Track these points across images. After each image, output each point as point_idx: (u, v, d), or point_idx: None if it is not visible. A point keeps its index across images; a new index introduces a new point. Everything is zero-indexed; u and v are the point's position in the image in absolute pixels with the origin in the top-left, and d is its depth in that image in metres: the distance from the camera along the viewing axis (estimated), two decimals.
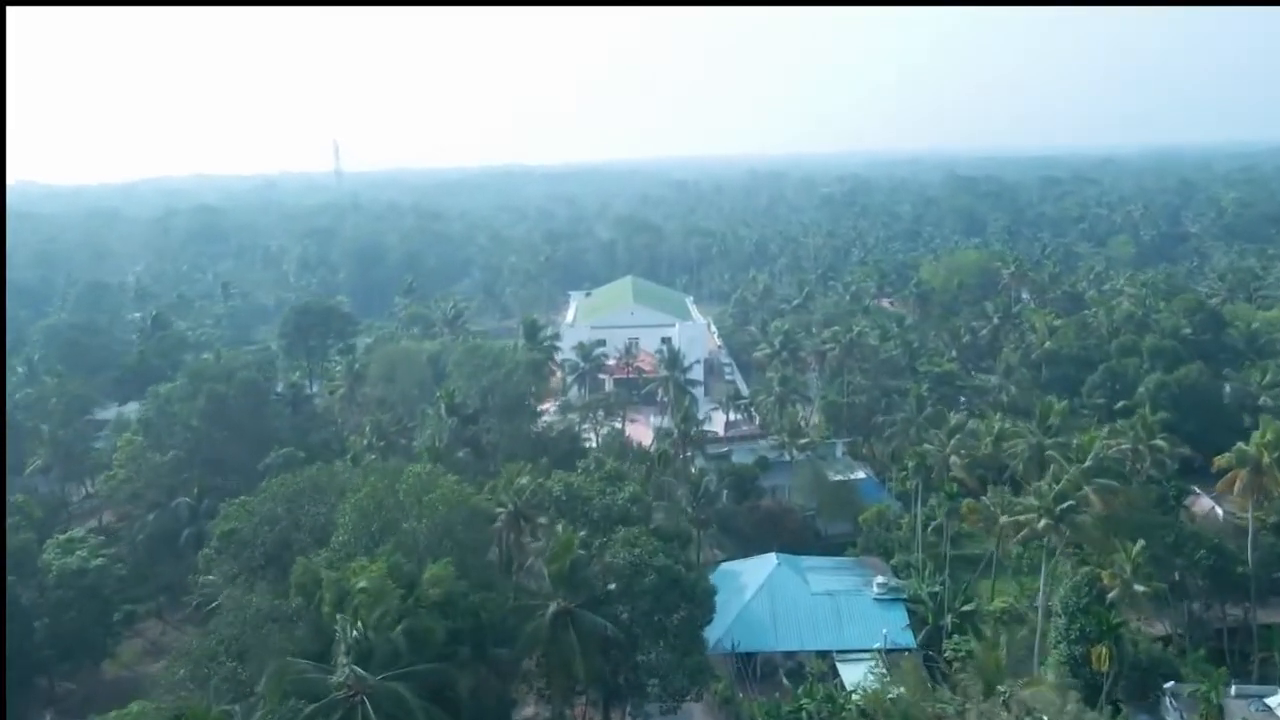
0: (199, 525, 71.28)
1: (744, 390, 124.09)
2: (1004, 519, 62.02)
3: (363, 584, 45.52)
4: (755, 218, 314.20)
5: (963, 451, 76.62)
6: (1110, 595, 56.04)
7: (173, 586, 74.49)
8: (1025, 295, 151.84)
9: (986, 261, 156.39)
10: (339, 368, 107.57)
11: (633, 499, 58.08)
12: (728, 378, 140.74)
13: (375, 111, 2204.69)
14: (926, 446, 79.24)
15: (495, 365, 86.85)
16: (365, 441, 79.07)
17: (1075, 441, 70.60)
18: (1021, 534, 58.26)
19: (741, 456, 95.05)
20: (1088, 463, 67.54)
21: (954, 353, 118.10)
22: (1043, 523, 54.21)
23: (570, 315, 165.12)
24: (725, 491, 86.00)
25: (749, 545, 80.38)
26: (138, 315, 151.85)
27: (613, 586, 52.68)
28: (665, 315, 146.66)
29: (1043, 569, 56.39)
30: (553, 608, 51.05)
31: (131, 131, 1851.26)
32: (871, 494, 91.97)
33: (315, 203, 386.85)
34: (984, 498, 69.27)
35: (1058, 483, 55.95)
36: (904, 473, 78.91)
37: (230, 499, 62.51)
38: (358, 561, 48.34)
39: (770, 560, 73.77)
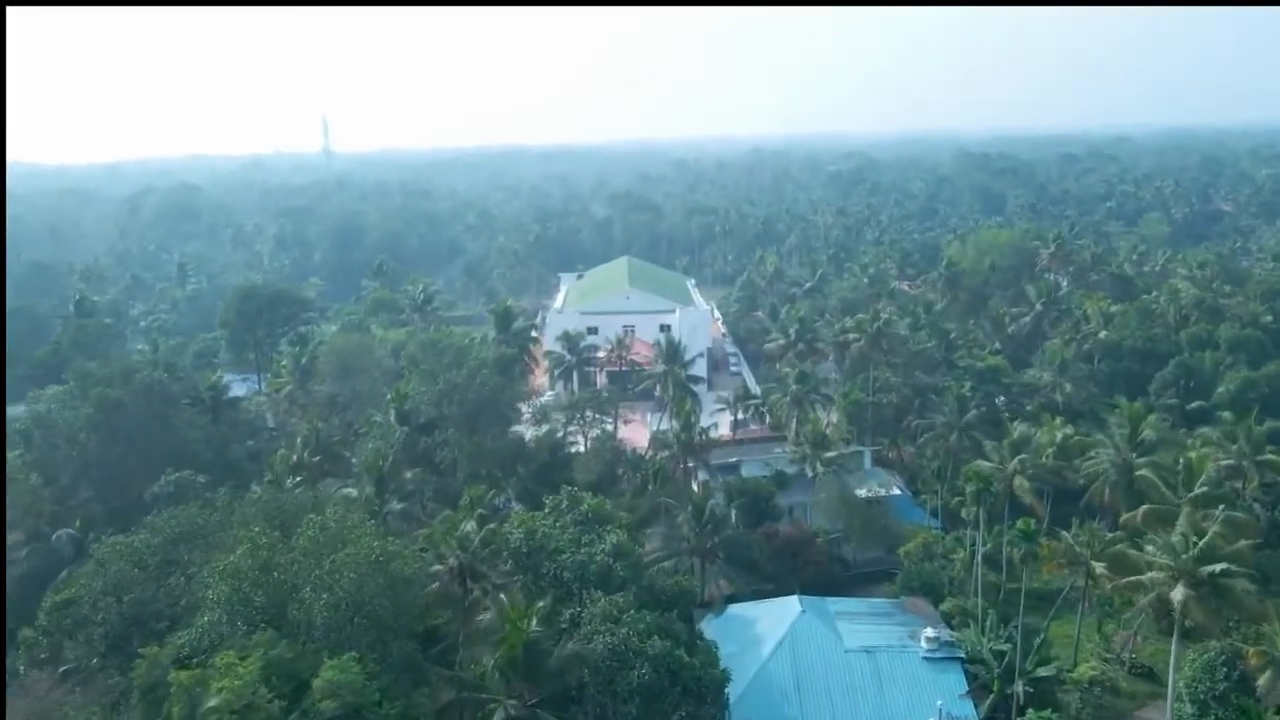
0: (84, 564, 57.72)
1: (752, 385, 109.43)
2: (1101, 570, 47.27)
3: (215, 701, 31.16)
4: (760, 195, 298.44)
5: (1029, 470, 62.01)
6: (1260, 682, 41.44)
7: None
8: (1062, 279, 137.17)
9: (1021, 240, 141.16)
10: (285, 362, 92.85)
11: (617, 552, 43.21)
12: (733, 369, 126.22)
13: (371, 92, 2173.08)
14: (981, 463, 64.75)
15: (458, 362, 71.74)
16: (295, 457, 64.47)
17: (1181, 461, 55.70)
18: (1145, 601, 43.24)
19: (753, 468, 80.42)
20: (1197, 490, 53.08)
21: (997, 344, 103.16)
22: (1180, 591, 39.22)
23: (560, 300, 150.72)
24: (734, 513, 71.76)
25: (763, 579, 66.23)
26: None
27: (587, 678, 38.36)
28: (664, 300, 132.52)
29: (1173, 648, 41.37)
30: (500, 713, 36.77)
31: (124, 111, 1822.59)
32: (904, 511, 77.96)
33: (300, 182, 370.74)
34: (1066, 534, 54.51)
35: (1200, 536, 40.82)
36: (960, 498, 64.28)
37: (102, 536, 48.42)
38: (224, 655, 33.97)
39: (792, 606, 59.40)
